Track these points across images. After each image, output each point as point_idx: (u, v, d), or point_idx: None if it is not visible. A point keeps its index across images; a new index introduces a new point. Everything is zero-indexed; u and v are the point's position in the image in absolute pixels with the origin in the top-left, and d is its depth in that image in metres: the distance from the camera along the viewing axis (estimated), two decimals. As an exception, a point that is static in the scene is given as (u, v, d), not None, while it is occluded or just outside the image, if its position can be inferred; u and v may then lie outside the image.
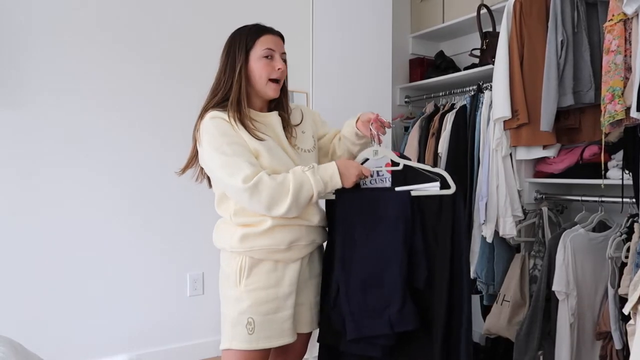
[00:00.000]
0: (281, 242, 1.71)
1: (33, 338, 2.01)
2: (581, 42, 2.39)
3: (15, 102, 2.65)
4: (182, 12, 3.07)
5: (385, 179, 1.82)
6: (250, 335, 1.69)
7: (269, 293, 1.72)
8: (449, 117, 2.99)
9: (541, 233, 2.66)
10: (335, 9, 3.14)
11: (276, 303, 1.72)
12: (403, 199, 1.74)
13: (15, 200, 2.65)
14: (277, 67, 1.74)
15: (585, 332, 2.41)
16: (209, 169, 1.71)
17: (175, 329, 3.08)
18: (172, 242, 3.08)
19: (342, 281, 1.74)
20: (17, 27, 2.64)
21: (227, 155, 1.62)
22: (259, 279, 1.72)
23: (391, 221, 1.73)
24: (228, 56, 1.76)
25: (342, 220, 1.77)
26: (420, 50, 3.85)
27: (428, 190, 1.75)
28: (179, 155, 2.99)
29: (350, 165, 1.71)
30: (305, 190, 1.63)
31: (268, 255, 1.71)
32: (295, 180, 1.62)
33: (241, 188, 1.58)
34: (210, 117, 1.69)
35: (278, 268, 1.74)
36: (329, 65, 3.09)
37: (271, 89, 1.76)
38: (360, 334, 1.71)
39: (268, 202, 1.60)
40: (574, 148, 2.63)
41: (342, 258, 1.76)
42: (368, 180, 1.83)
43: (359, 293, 1.73)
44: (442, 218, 1.74)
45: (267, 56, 1.74)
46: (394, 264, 1.71)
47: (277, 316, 1.72)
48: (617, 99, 2.00)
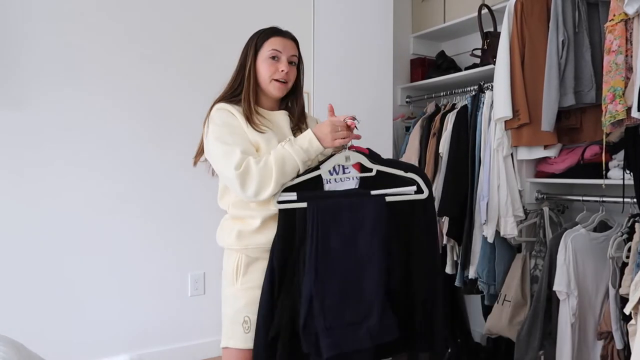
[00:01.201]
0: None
1: (34, 338, 2.01)
2: (582, 42, 2.39)
3: (16, 101, 2.65)
4: (184, 11, 3.07)
5: (352, 177, 1.75)
6: (247, 334, 1.70)
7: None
8: (450, 117, 2.99)
9: (542, 233, 2.66)
10: (336, 9, 3.14)
11: None
12: (380, 204, 1.70)
13: (15, 200, 2.66)
14: (280, 69, 1.78)
15: (586, 332, 2.41)
16: (211, 159, 1.74)
17: (176, 329, 3.08)
18: (173, 242, 3.08)
19: (317, 294, 1.61)
20: (18, 27, 2.65)
21: (227, 144, 1.66)
22: (255, 278, 1.73)
23: (369, 228, 1.67)
24: (241, 56, 1.84)
25: (315, 229, 1.64)
26: (421, 50, 3.85)
27: (403, 195, 1.74)
28: (181, 155, 3.02)
29: (322, 125, 1.69)
30: (288, 164, 1.63)
31: (263, 254, 1.72)
32: (276, 157, 1.62)
33: (233, 175, 1.60)
34: (217, 109, 1.76)
35: None
36: (330, 65, 3.09)
37: (274, 87, 1.80)
38: (339, 350, 1.61)
39: (256, 188, 1.61)
40: (575, 148, 2.63)
41: (315, 269, 1.62)
42: (333, 179, 1.73)
43: (336, 306, 1.63)
44: (416, 219, 1.74)
45: (273, 57, 1.78)
46: (373, 272, 1.66)
47: None
48: (618, 99, 2.00)
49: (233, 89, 1.81)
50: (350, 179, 1.75)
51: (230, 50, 2.98)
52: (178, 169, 3.01)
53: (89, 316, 2.84)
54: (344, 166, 1.74)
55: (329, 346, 1.59)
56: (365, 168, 1.75)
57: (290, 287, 1.66)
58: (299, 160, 1.64)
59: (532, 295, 2.57)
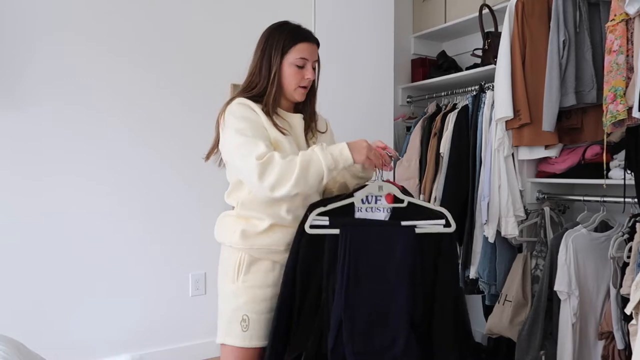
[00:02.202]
0: (280, 243, 1.72)
1: (35, 338, 2.02)
2: (583, 42, 2.39)
3: (17, 104, 2.65)
4: (184, 12, 3.07)
5: (384, 209, 1.76)
6: (244, 332, 1.70)
7: (265, 292, 1.73)
8: (451, 117, 2.99)
9: (543, 233, 2.66)
10: (337, 9, 3.14)
11: (271, 303, 1.72)
12: (410, 235, 1.70)
13: (16, 201, 2.66)
14: (306, 77, 1.78)
15: (587, 332, 2.41)
16: (226, 150, 1.71)
17: (177, 329, 3.09)
18: (174, 242, 3.08)
19: (346, 320, 1.64)
20: (19, 29, 2.65)
21: (247, 136, 1.63)
22: (257, 277, 1.73)
23: (398, 258, 1.68)
24: (264, 54, 1.77)
25: (347, 256, 1.66)
26: (422, 50, 3.85)
27: (432, 227, 1.73)
28: (182, 155, 3.02)
29: (359, 141, 1.68)
30: (313, 166, 1.59)
31: (267, 255, 1.72)
32: (302, 158, 1.60)
33: (253, 165, 1.57)
34: (238, 103, 1.72)
35: (275, 268, 1.74)
36: (330, 65, 3.08)
37: (299, 94, 1.80)
38: None
39: (275, 180, 1.57)
40: (576, 148, 2.63)
41: (345, 296, 1.65)
42: (364, 207, 1.75)
43: (364, 333, 1.66)
44: (442, 254, 1.73)
45: (301, 65, 1.77)
46: (401, 302, 1.67)
47: (267, 316, 1.72)
48: (619, 99, 2.00)
49: (254, 85, 1.77)
50: (381, 209, 1.76)
51: (231, 51, 2.99)
52: (179, 169, 3.02)
53: (90, 316, 2.84)
54: (377, 197, 1.75)
55: None
56: (397, 200, 1.75)
57: (311, 310, 1.68)
58: (325, 166, 1.59)
59: (533, 295, 2.57)
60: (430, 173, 3.05)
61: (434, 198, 2.99)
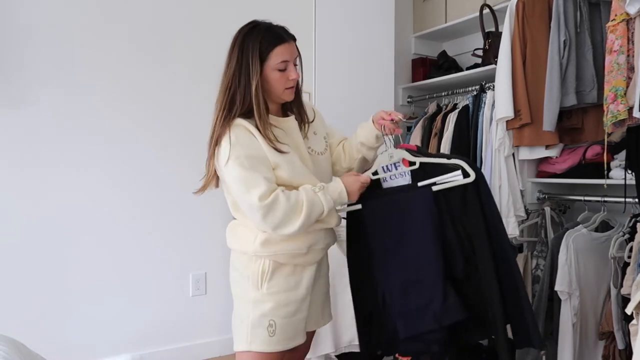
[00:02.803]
0: (302, 246, 1.72)
1: (35, 338, 2.02)
2: (584, 42, 2.39)
3: (19, 101, 2.65)
4: (185, 10, 3.07)
5: (405, 173, 1.81)
6: (271, 337, 1.71)
7: (289, 296, 1.73)
8: (451, 117, 2.99)
9: (544, 233, 2.66)
10: (337, 9, 3.14)
11: (295, 305, 1.74)
12: (426, 195, 1.75)
13: (16, 200, 2.66)
14: (291, 78, 1.71)
15: (587, 332, 2.41)
16: (228, 180, 1.67)
17: (178, 329, 3.09)
18: (174, 242, 3.08)
19: (385, 287, 1.80)
20: (21, 27, 2.65)
21: (245, 168, 1.60)
22: (280, 282, 1.73)
23: (418, 221, 1.75)
24: (240, 65, 1.67)
25: (373, 229, 1.80)
26: (422, 50, 3.85)
27: (450, 181, 1.74)
28: (182, 155, 3.02)
29: (353, 180, 1.74)
30: (316, 210, 1.65)
31: (289, 259, 1.73)
32: (307, 200, 1.63)
33: (257, 206, 1.58)
34: (235, 125, 1.64)
35: (296, 271, 1.76)
36: (331, 65, 3.09)
37: (287, 95, 1.74)
38: (410, 333, 1.76)
39: (279, 222, 1.61)
40: (576, 148, 2.63)
41: (378, 265, 1.80)
42: (388, 176, 1.83)
43: (401, 297, 1.78)
44: (469, 206, 1.74)
45: (283, 68, 1.69)
46: (430, 263, 1.74)
47: (295, 318, 1.74)
48: (619, 99, 2.00)
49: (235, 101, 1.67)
50: (404, 174, 1.82)
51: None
52: (179, 168, 3.02)
53: (91, 316, 2.84)
54: (396, 164, 1.82)
55: (403, 330, 1.77)
56: (411, 164, 1.81)
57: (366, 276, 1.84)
58: (327, 209, 1.66)
59: (533, 295, 2.57)
60: (430, 173, 3.05)
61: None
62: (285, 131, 1.75)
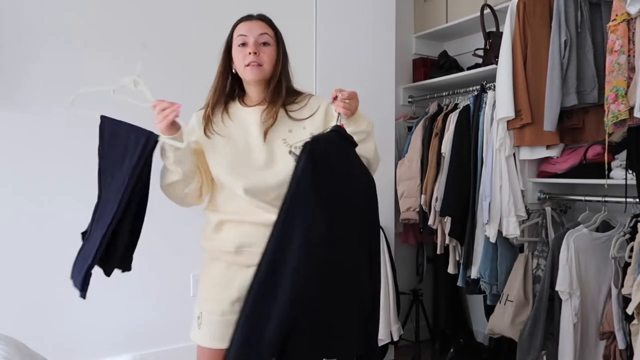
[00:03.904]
0: (228, 244, 1.71)
1: (36, 338, 2.02)
2: (585, 42, 2.39)
3: (20, 105, 2.65)
4: (185, 11, 3.07)
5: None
6: (199, 330, 1.76)
7: (216, 292, 1.73)
8: (452, 117, 2.99)
9: (544, 233, 2.66)
10: (338, 9, 3.14)
11: (225, 305, 1.70)
12: None
13: (16, 200, 2.66)
14: (248, 52, 1.65)
15: (588, 332, 2.41)
16: None
17: (178, 329, 3.07)
18: (175, 242, 3.07)
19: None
20: (23, 30, 2.65)
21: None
22: (212, 277, 1.78)
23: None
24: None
25: None
26: (423, 50, 3.85)
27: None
28: (183, 155, 3.02)
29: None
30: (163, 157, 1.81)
31: (221, 255, 1.75)
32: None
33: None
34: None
35: (231, 270, 1.73)
36: (332, 65, 3.09)
37: (247, 73, 1.68)
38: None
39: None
40: (577, 148, 2.63)
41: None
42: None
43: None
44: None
45: (242, 43, 1.68)
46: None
47: (224, 319, 1.68)
48: (620, 99, 2.01)
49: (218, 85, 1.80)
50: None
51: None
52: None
53: (91, 316, 2.84)
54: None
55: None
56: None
57: None
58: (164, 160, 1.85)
59: (534, 295, 2.57)
60: (431, 173, 3.05)
61: (435, 198, 2.99)
62: (236, 121, 1.73)
